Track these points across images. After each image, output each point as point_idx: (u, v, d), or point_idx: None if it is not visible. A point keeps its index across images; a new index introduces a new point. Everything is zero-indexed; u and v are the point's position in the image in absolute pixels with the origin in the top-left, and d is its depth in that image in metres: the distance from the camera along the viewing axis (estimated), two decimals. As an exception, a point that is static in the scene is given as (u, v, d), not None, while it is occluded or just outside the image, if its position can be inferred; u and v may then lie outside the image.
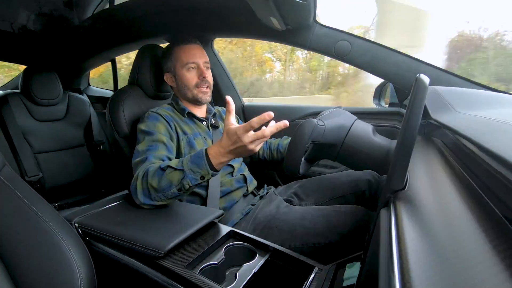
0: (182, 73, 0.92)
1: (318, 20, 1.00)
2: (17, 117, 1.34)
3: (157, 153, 0.77)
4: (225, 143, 0.65)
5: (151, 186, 0.68)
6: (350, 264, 0.52)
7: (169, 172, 0.67)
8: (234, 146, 0.64)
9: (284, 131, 1.28)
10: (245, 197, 0.92)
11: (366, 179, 0.90)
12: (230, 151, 0.65)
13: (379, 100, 1.20)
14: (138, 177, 0.71)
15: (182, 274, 0.52)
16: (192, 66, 0.92)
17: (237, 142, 0.64)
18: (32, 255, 0.54)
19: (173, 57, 0.93)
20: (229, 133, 0.64)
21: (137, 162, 0.77)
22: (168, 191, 0.67)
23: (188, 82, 0.92)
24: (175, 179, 0.66)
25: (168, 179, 0.67)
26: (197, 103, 0.96)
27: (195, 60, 0.92)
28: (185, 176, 0.66)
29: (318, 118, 0.76)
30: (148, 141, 0.80)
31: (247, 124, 0.62)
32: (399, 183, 0.30)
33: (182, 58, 0.91)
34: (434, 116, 0.58)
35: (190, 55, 0.91)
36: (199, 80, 0.92)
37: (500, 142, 0.28)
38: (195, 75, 0.92)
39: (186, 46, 0.93)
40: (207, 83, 0.93)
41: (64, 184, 1.45)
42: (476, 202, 0.24)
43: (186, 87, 0.92)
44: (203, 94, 0.93)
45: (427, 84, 0.28)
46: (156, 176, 0.68)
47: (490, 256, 0.17)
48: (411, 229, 0.22)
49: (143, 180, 0.69)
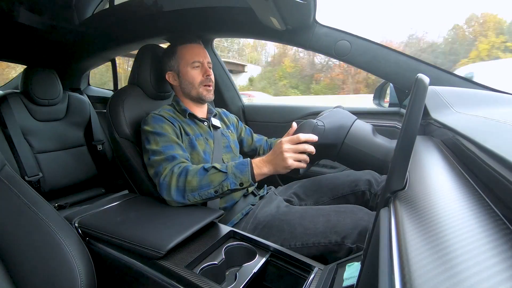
0: (186, 71, 0.92)
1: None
2: (17, 117, 1.34)
3: (178, 152, 0.79)
4: (270, 153, 0.72)
5: (189, 184, 0.71)
6: (350, 264, 0.52)
7: (213, 173, 0.71)
8: (274, 155, 0.70)
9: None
10: (245, 197, 0.92)
11: (366, 179, 0.90)
12: (270, 160, 0.71)
13: (379, 100, 1.20)
14: (174, 174, 0.73)
15: (182, 274, 0.52)
16: (197, 64, 0.92)
17: (278, 150, 0.69)
18: (32, 255, 0.54)
19: (176, 55, 0.93)
20: (276, 144, 0.71)
21: (159, 160, 0.77)
22: (205, 191, 0.71)
23: (193, 79, 0.92)
24: (217, 180, 0.70)
25: (210, 179, 0.71)
26: (201, 101, 0.96)
27: (200, 59, 0.92)
28: (227, 178, 0.70)
29: (317, 118, 0.76)
30: (162, 141, 0.80)
31: (294, 136, 0.69)
32: (399, 183, 0.30)
33: (186, 56, 0.92)
34: (434, 116, 0.58)
35: (194, 54, 0.92)
36: (204, 78, 0.93)
37: (500, 142, 0.28)
38: (200, 73, 0.93)
39: (190, 45, 0.93)
40: (211, 81, 0.94)
41: (64, 184, 1.45)
42: (476, 202, 0.24)
43: (191, 84, 0.93)
44: (207, 92, 0.94)
45: (427, 84, 0.28)
46: (197, 175, 0.71)
47: (490, 256, 0.17)
48: (411, 229, 0.22)
49: (180, 178, 0.72)
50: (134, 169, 0.90)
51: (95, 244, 0.65)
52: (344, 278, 0.48)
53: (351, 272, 0.49)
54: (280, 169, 0.70)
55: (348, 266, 0.52)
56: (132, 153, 0.91)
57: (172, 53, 0.94)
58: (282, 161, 0.68)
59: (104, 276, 0.65)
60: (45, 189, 1.38)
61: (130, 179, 0.96)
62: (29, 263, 0.54)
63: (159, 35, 1.29)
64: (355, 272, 0.48)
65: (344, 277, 0.49)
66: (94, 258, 0.62)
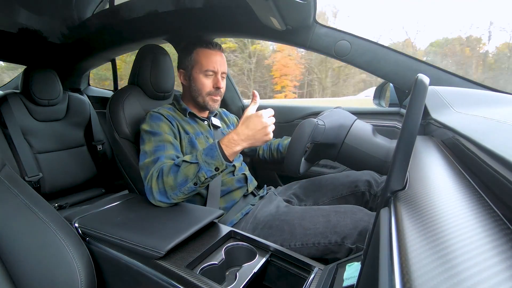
0: (197, 77, 0.89)
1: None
2: (17, 117, 1.34)
3: (167, 153, 0.78)
4: (242, 130, 0.69)
5: (167, 184, 0.70)
6: (350, 264, 0.52)
7: (185, 167, 0.69)
8: (252, 132, 0.68)
9: (284, 131, 1.27)
10: (245, 197, 0.92)
11: (366, 180, 0.90)
12: (246, 137, 0.69)
13: (379, 100, 1.20)
14: (153, 177, 0.72)
15: (182, 274, 0.52)
16: (211, 73, 0.89)
17: (257, 126, 0.68)
18: (32, 255, 0.54)
19: (193, 57, 0.89)
20: (249, 118, 0.69)
21: (147, 162, 0.77)
22: (185, 186, 0.69)
23: (202, 88, 0.89)
24: (191, 172, 0.68)
25: (184, 174, 0.69)
26: (205, 109, 0.94)
27: (215, 69, 0.88)
28: (200, 168, 0.68)
29: (318, 117, 0.76)
30: (155, 141, 0.80)
31: (268, 109, 0.70)
32: (399, 183, 0.30)
33: (202, 62, 0.88)
34: (434, 116, 0.58)
35: (211, 62, 0.88)
36: (213, 89, 0.90)
37: (499, 142, 0.28)
38: (211, 83, 0.89)
39: (209, 51, 0.89)
40: (220, 93, 0.91)
41: (64, 184, 1.45)
42: (476, 202, 0.24)
43: (199, 92, 0.90)
44: (213, 102, 0.92)
45: (427, 84, 0.28)
46: (171, 173, 0.70)
47: (490, 256, 0.17)
48: (411, 229, 0.22)
49: (158, 180, 0.71)
50: (134, 169, 0.90)
51: (95, 244, 0.65)
52: (344, 278, 0.48)
53: (351, 272, 0.49)
54: (260, 143, 0.70)
55: (348, 266, 0.52)
56: (132, 153, 0.92)
57: (189, 52, 0.90)
58: (265, 135, 0.69)
59: (104, 276, 0.65)
60: (45, 189, 1.38)
61: (130, 179, 0.96)
62: (29, 263, 0.54)
63: (159, 35, 1.29)
64: (355, 272, 0.48)
65: (344, 277, 0.49)
66: (94, 258, 0.62)
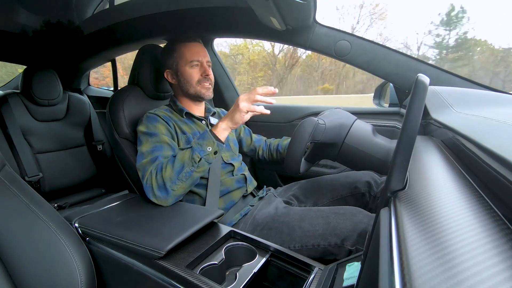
0: (185, 70, 0.92)
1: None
2: (17, 117, 1.34)
3: (164, 153, 0.79)
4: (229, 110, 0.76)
5: (166, 176, 0.72)
6: (350, 264, 0.52)
7: (180, 154, 0.74)
8: (230, 111, 0.75)
9: (284, 131, 1.27)
10: (244, 198, 0.92)
11: (366, 181, 0.89)
12: (226, 115, 0.76)
13: (379, 100, 1.20)
14: (152, 174, 0.74)
15: (182, 274, 0.52)
16: (196, 63, 0.91)
17: (234, 105, 0.74)
18: (32, 255, 0.54)
19: (175, 54, 0.92)
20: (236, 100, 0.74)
21: (144, 163, 0.78)
22: (182, 172, 0.72)
23: (190, 78, 0.92)
24: (186, 157, 0.73)
25: (180, 160, 0.73)
26: (199, 99, 0.95)
27: (199, 58, 0.91)
28: (194, 151, 0.73)
29: (318, 117, 0.76)
30: (152, 142, 0.80)
31: (252, 90, 0.72)
32: (399, 183, 0.30)
33: (185, 55, 0.91)
34: (434, 116, 0.58)
35: (194, 53, 0.91)
36: (201, 77, 0.92)
37: (500, 142, 0.28)
38: (198, 72, 0.92)
39: (189, 44, 0.92)
40: (209, 80, 0.93)
41: (64, 184, 1.45)
42: (476, 202, 0.24)
43: (189, 83, 0.92)
44: (206, 90, 0.93)
45: (427, 84, 0.28)
46: (169, 164, 0.73)
47: (490, 256, 0.17)
48: (411, 229, 0.22)
49: (157, 176, 0.73)
50: (134, 169, 0.90)
51: (95, 244, 0.65)
52: (344, 278, 0.48)
53: (351, 272, 0.49)
54: (233, 123, 0.75)
55: (348, 266, 0.52)
56: (131, 153, 0.92)
57: (171, 51, 0.93)
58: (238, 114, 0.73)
59: (104, 276, 0.65)
60: (45, 189, 1.38)
61: (129, 179, 0.96)
62: (29, 263, 0.54)
63: (159, 35, 1.29)
64: (355, 272, 0.48)
65: (344, 277, 0.49)
66: (94, 258, 0.62)
